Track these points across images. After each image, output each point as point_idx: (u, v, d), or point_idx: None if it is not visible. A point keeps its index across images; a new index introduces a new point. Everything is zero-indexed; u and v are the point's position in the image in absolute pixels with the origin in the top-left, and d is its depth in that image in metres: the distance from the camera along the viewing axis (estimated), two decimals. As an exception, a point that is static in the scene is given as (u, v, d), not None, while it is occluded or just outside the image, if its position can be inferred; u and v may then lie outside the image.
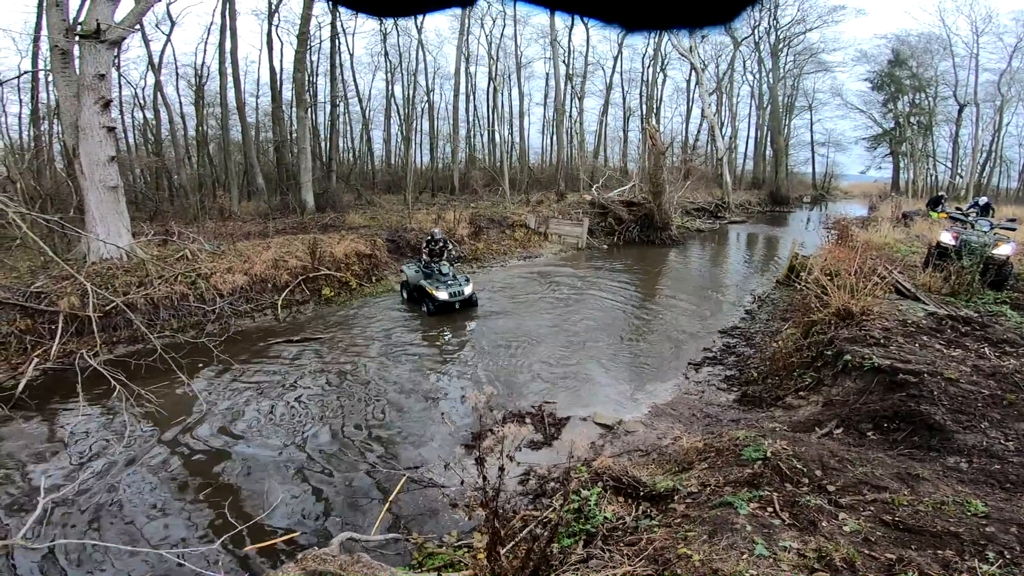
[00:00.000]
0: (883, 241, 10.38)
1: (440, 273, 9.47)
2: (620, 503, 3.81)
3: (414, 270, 9.92)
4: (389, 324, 9.05)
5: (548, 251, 14.95)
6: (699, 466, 4.09)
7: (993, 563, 2.65)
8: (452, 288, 9.26)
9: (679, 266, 14.76)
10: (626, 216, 16.84)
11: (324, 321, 9.18)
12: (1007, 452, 3.81)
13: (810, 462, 3.60)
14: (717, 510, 3.18)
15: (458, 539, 4.03)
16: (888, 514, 3.04)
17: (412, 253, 12.85)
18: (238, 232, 12.97)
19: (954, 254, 7.46)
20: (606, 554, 2.99)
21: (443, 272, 9.48)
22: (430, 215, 15.19)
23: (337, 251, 11.11)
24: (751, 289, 11.65)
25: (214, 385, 6.69)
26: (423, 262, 9.94)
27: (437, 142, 30.09)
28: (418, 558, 3.78)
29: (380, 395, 6.48)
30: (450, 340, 8.37)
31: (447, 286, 9.23)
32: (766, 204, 30.28)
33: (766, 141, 35.29)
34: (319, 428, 5.73)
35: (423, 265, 9.90)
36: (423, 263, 9.94)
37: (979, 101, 28.03)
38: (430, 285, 9.25)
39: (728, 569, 2.49)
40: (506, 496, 4.50)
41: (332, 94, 21.05)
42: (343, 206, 17.93)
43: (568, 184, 24.73)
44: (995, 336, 5.73)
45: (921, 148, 30.89)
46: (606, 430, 5.74)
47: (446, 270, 9.55)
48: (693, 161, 25.00)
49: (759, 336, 8.28)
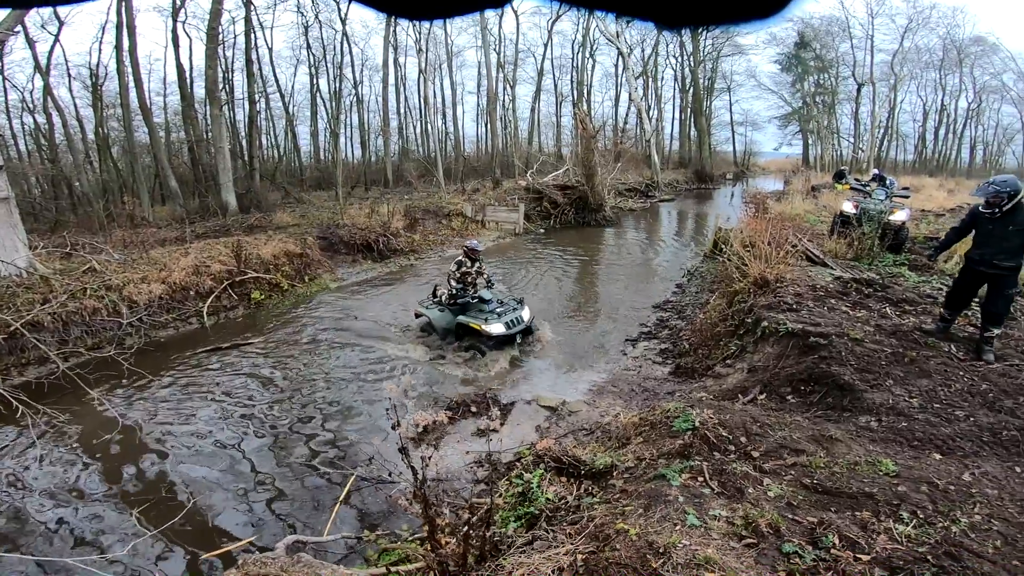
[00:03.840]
0: (795, 212, 11.16)
1: (482, 301, 7.33)
2: (562, 483, 3.89)
3: (437, 310, 7.68)
4: (325, 322, 8.76)
5: (486, 238, 14.94)
6: (636, 441, 4.23)
7: (908, 523, 2.79)
8: (507, 316, 7.10)
9: (614, 245, 15.19)
10: (561, 199, 17.11)
11: (256, 325, 8.78)
12: (912, 409, 4.06)
13: (735, 429, 3.78)
14: (652, 483, 3.31)
15: (412, 533, 4.00)
16: (807, 477, 3.22)
17: (346, 250, 12.46)
18: (152, 239, 12.08)
19: (855, 222, 8.12)
20: (550, 534, 3.03)
21: (485, 299, 7.33)
22: (363, 210, 14.75)
23: (265, 252, 10.58)
24: (682, 263, 12.19)
25: (137, 400, 6.26)
26: (450, 293, 7.59)
27: (368, 135, 29.24)
28: (372, 556, 3.73)
29: (321, 395, 6.30)
30: (386, 331, 8.20)
31: (498, 316, 7.08)
32: (693, 182, 31.66)
33: (690, 122, 36.79)
34: (261, 434, 5.51)
35: (449, 297, 7.58)
36: (450, 294, 7.60)
37: (875, 80, 30.39)
38: (474, 319, 7.09)
39: (662, 541, 2.58)
40: (458, 485, 4.52)
41: (249, 90, 19.92)
42: (269, 205, 17.10)
43: (504, 171, 24.76)
44: (895, 296, 6.22)
45: (826, 125, 33.20)
46: (551, 412, 5.84)
47: (488, 295, 7.41)
48: (623, 143, 25.65)
49: (689, 308, 8.68)
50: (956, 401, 4.12)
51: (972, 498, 3.01)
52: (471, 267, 7.82)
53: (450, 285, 7.63)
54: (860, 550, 2.59)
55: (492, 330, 6.97)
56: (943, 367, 4.53)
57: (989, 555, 2.55)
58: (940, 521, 2.80)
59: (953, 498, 3.01)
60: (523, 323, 7.29)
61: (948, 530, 2.71)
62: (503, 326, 7.02)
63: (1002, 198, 4.49)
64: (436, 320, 7.62)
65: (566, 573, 2.60)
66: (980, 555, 2.55)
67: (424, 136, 30.92)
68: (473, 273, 7.83)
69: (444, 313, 7.63)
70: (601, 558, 2.60)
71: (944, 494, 3.05)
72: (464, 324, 7.24)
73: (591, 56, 34.24)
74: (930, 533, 2.70)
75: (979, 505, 2.95)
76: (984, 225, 4.72)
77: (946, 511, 2.88)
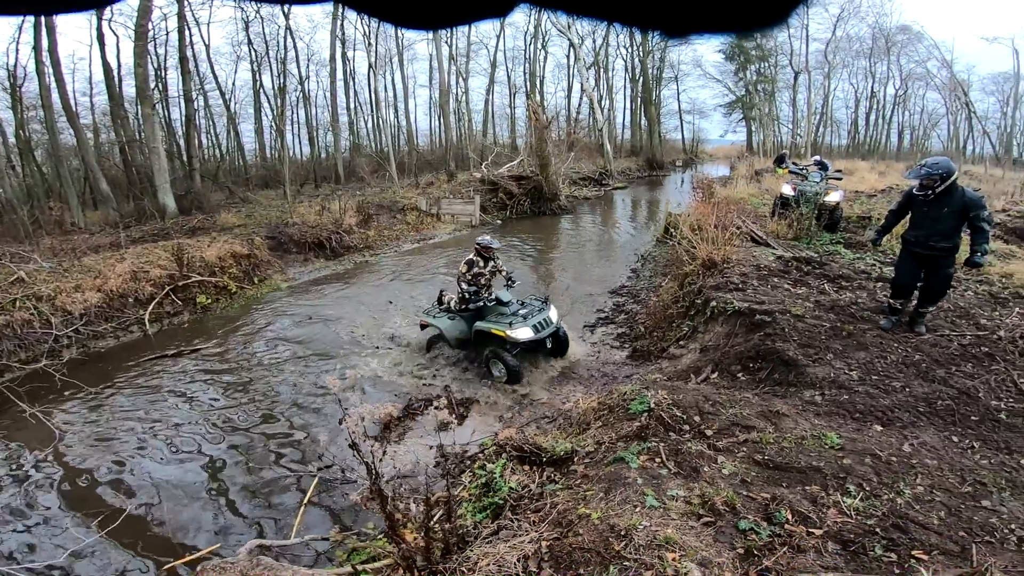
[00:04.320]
0: (739, 196, 11.58)
1: (500, 303, 6.40)
2: (525, 471, 3.91)
3: (447, 319, 6.74)
4: (278, 324, 8.48)
5: (442, 231, 14.81)
6: (595, 425, 4.27)
7: (855, 496, 2.88)
8: (534, 319, 6.19)
9: (570, 233, 15.36)
10: (516, 190, 17.13)
11: (204, 330, 8.40)
12: (852, 382, 4.20)
13: (689, 409, 3.86)
14: (611, 467, 3.36)
15: (379, 531, 3.95)
16: (759, 453, 3.32)
17: (297, 249, 12.07)
18: (84, 246, 11.38)
19: (794, 203, 8.50)
20: (515, 523, 3.04)
21: (504, 301, 6.40)
22: (313, 207, 14.32)
23: (209, 255, 10.11)
24: (635, 248, 12.45)
25: (81, 413, 5.94)
26: (462, 297, 6.64)
27: (317, 132, 28.35)
28: (342, 556, 3.67)
29: (277, 398, 6.12)
30: (340, 333, 8.01)
31: (523, 318, 6.16)
32: (644, 169, 32.34)
33: (640, 111, 37.45)
34: (219, 440, 5.32)
35: (461, 302, 6.66)
36: (461, 298, 6.66)
37: (811, 68, 31.68)
38: (496, 324, 6.15)
39: (623, 523, 2.62)
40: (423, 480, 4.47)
41: (185, 88, 18.93)
42: (212, 206, 16.34)
43: (458, 164, 24.51)
44: (832, 273, 6.50)
45: (767, 112, 34.48)
46: (513, 401, 5.88)
47: (507, 297, 6.47)
48: (576, 133, 25.84)
49: (644, 292, 8.88)
50: (892, 373, 4.29)
51: (913, 469, 3.13)
52: (484, 267, 6.80)
53: (461, 288, 6.64)
54: (812, 524, 2.68)
55: (518, 335, 6.03)
56: (879, 340, 4.75)
57: (935, 526, 2.64)
58: (885, 493, 2.90)
59: (896, 470, 3.12)
60: (552, 325, 6.34)
61: (894, 502, 2.81)
62: (530, 329, 6.08)
63: (935, 180, 4.48)
64: (448, 330, 6.61)
65: (531, 560, 2.62)
66: (926, 527, 2.64)
67: (376, 131, 30.22)
68: (487, 274, 6.83)
69: (456, 321, 6.69)
70: (565, 544, 2.63)
71: (887, 466, 3.16)
72: (484, 331, 6.28)
73: (543, 47, 34.35)
74: (876, 506, 2.79)
75: (920, 476, 3.06)
76: (919, 207, 4.72)
77: (890, 483, 2.99)
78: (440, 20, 0.45)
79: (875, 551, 2.49)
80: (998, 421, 3.70)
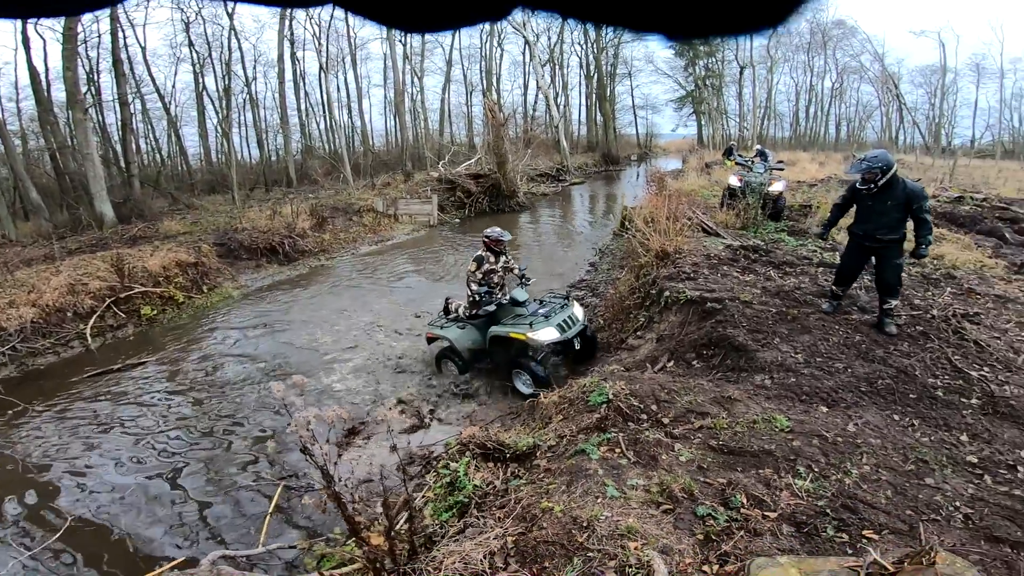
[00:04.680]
0: (690, 188, 11.93)
1: (516, 304, 5.72)
2: (489, 468, 3.89)
3: (456, 328, 6.08)
4: (229, 333, 8.17)
5: (400, 232, 14.62)
6: (556, 419, 4.30)
7: (806, 477, 2.96)
8: (557, 317, 5.57)
9: (530, 229, 15.44)
10: (474, 188, 17.08)
11: (151, 343, 8.03)
12: (798, 365, 4.30)
13: (646, 398, 3.92)
14: (573, 459, 3.38)
15: (346, 536, 3.88)
16: (714, 439, 3.39)
17: (248, 255, 11.64)
18: (16, 259, 10.67)
19: (740, 194, 8.81)
20: (481, 520, 3.04)
21: (520, 300, 5.71)
22: (264, 212, 13.85)
23: (152, 264, 9.64)
24: (594, 243, 12.63)
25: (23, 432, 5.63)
26: (472, 300, 5.97)
27: (267, 134, 27.40)
28: (311, 563, 3.59)
29: (234, 407, 5.92)
30: (296, 339, 7.78)
31: (545, 317, 5.52)
32: (601, 164, 32.78)
33: (595, 107, 37.98)
34: (177, 454, 5.13)
35: (471, 306, 6.00)
36: (471, 302, 6.00)
37: (755, 63, 32.92)
38: (514, 327, 5.53)
39: (585, 515, 2.65)
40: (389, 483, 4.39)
41: (120, 92, 17.97)
42: (154, 214, 15.59)
43: (415, 164, 24.23)
44: (777, 260, 6.72)
45: (716, 107, 35.63)
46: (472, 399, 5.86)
47: (523, 296, 5.78)
48: (534, 130, 25.99)
49: (602, 285, 9.01)
50: (835, 354, 4.41)
51: (859, 449, 3.22)
52: (495, 263, 6.07)
53: (470, 291, 5.90)
54: (767, 508, 2.75)
55: (542, 336, 5.33)
56: (821, 323, 4.89)
57: (883, 506, 2.73)
58: (834, 474, 2.99)
59: (842, 450, 3.21)
60: (578, 323, 5.68)
61: (842, 482, 2.90)
62: (555, 329, 5.39)
63: (876, 174, 4.51)
64: (458, 340, 5.92)
65: (497, 556, 2.62)
66: (874, 506, 2.72)
67: (329, 132, 29.53)
68: (499, 271, 6.12)
69: (467, 330, 6.00)
70: (530, 538, 2.64)
71: (833, 446, 3.25)
72: (501, 336, 5.61)
73: (499, 45, 34.45)
74: (826, 487, 2.87)
75: (866, 456, 3.16)
76: (863, 201, 4.75)
77: (837, 463, 3.07)
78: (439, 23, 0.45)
79: (827, 532, 2.57)
80: (935, 398, 3.86)
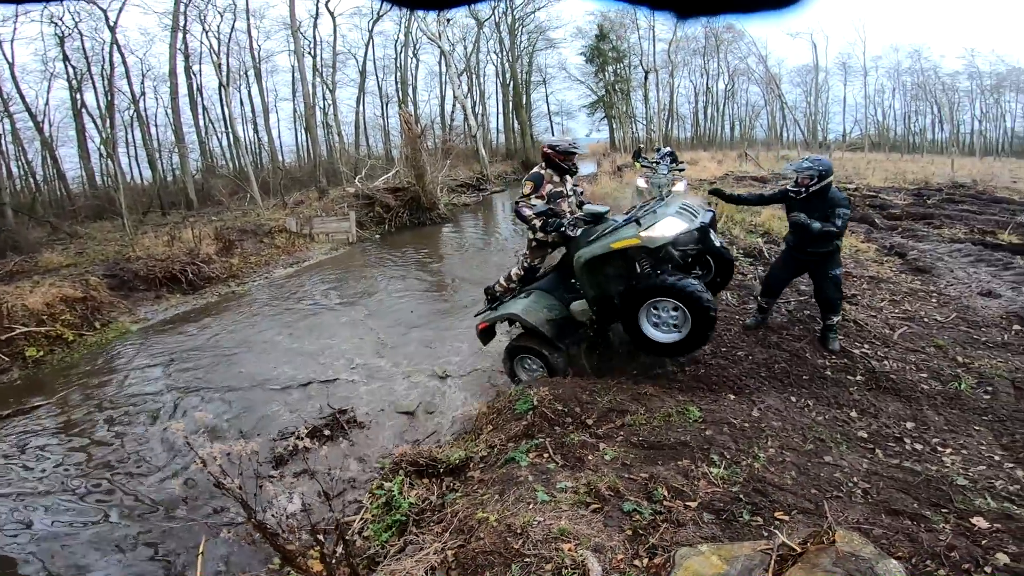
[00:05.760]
0: (604, 191, 12.44)
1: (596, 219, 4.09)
2: (424, 484, 3.85)
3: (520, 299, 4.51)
4: (126, 370, 7.44)
5: (317, 251, 14.02)
6: (487, 429, 4.31)
7: (719, 465, 3.10)
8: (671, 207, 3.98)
9: (453, 240, 15.37)
10: (393, 203, 16.75)
11: (41, 386, 7.16)
12: (705, 356, 4.52)
13: (569, 401, 4.00)
14: (504, 468, 3.41)
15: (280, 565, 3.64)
16: (635, 435, 3.50)
17: (145, 285, 10.65)
18: None
19: (647, 194, 9.30)
20: (420, 537, 3.03)
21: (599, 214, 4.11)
22: (161, 237, 12.77)
23: (33, 302, 8.62)
24: (516, 250, 12.79)
25: None
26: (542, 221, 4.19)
27: (160, 153, 25.33)
28: None
29: (135, 448, 5.42)
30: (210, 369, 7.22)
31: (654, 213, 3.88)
32: (520, 172, 33.24)
33: (512, 115, 38.59)
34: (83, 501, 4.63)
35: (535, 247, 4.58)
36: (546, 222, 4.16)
37: (658, 67, 35.00)
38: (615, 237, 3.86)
39: (519, 522, 2.67)
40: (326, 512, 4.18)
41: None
42: (31, 245, 13.90)
43: (330, 179, 23.34)
44: None
45: (625, 111, 37.45)
46: (409, 416, 5.71)
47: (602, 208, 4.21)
48: (452, 140, 25.95)
49: (527, 293, 9.14)
50: (737, 343, 4.69)
51: (763, 433, 3.42)
52: (562, 184, 4.57)
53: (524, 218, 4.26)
54: (687, 498, 2.86)
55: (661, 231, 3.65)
56: (723, 314, 5.17)
57: (789, 486, 2.90)
58: (743, 459, 3.15)
59: (749, 435, 3.40)
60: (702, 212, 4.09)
61: (751, 467, 3.06)
62: (675, 218, 3.73)
63: (812, 177, 4.30)
64: (527, 311, 4.25)
65: (439, 571, 2.62)
66: (782, 487, 2.89)
67: (232, 149, 27.81)
68: (569, 194, 4.63)
69: (535, 296, 4.37)
70: (469, 550, 2.64)
71: (741, 432, 3.44)
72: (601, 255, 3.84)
73: (415, 56, 34.17)
74: (738, 472, 3.02)
75: (770, 439, 3.36)
76: (793, 208, 4.54)
77: (746, 448, 3.25)
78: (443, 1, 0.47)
79: (743, 517, 2.70)
80: (825, 378, 4.20)
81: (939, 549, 2.39)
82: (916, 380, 4.19)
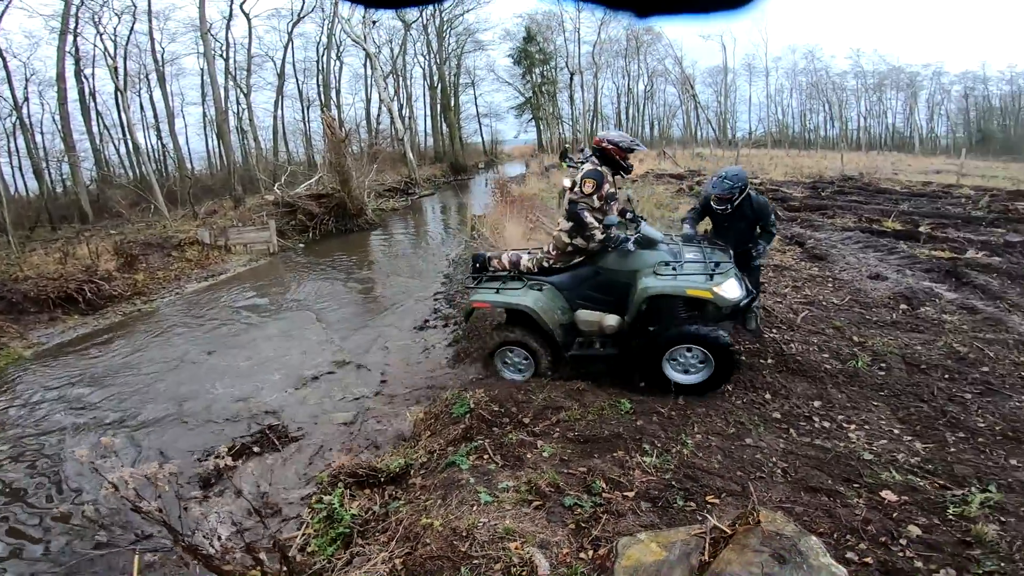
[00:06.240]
0: (532, 193, 12.64)
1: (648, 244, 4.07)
2: (366, 495, 3.75)
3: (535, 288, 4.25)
4: (21, 399, 6.66)
5: (235, 264, 13.18)
6: (425, 435, 4.26)
7: (651, 454, 3.20)
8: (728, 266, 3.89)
9: (382, 246, 15.02)
10: (317, 210, 16.09)
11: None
12: None
13: (505, 402, 4.02)
14: (445, 472, 3.39)
15: None
16: (571, 431, 3.57)
17: (37, 308, 9.57)
18: None
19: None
20: (366, 548, 2.98)
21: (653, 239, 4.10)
22: (52, 254, 11.52)
23: None
24: (447, 253, 12.71)
25: None
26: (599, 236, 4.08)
27: (47, 163, 22.88)
28: None
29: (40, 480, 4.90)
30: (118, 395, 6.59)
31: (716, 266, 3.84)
32: (449, 174, 33.11)
33: (440, 118, 38.32)
34: None
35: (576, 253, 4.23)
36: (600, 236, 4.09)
37: (582, 69, 36.09)
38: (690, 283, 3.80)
39: (464, 524, 2.67)
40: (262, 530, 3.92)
41: None
42: None
43: (246, 188, 22.07)
44: None
45: (551, 112, 38.27)
46: (347, 426, 5.50)
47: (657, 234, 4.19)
48: (379, 144, 25.34)
49: (458, 296, 9.10)
50: None
51: (689, 419, 3.57)
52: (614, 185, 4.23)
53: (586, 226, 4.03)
54: (625, 488, 2.95)
55: (732, 293, 3.72)
56: None
57: (716, 470, 3.03)
58: (673, 447, 3.27)
59: (677, 423, 3.53)
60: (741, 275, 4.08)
61: (681, 453, 3.18)
62: (736, 281, 3.82)
63: (733, 194, 4.54)
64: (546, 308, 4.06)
65: None
66: (710, 471, 3.02)
67: (132, 157, 25.61)
68: (617, 197, 4.29)
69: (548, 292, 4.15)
70: (416, 557, 2.61)
71: (670, 420, 3.57)
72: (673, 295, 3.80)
73: (338, 58, 33.00)
74: (669, 460, 3.13)
75: (696, 425, 3.51)
76: (719, 219, 4.82)
77: (675, 436, 3.37)
78: None
79: (678, 503, 2.81)
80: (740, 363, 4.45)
81: (856, 524, 2.56)
82: (819, 360, 4.49)
